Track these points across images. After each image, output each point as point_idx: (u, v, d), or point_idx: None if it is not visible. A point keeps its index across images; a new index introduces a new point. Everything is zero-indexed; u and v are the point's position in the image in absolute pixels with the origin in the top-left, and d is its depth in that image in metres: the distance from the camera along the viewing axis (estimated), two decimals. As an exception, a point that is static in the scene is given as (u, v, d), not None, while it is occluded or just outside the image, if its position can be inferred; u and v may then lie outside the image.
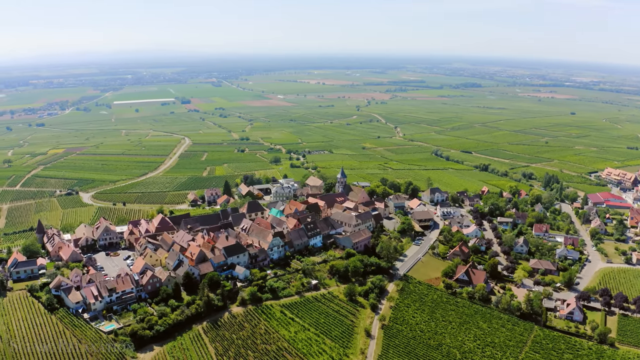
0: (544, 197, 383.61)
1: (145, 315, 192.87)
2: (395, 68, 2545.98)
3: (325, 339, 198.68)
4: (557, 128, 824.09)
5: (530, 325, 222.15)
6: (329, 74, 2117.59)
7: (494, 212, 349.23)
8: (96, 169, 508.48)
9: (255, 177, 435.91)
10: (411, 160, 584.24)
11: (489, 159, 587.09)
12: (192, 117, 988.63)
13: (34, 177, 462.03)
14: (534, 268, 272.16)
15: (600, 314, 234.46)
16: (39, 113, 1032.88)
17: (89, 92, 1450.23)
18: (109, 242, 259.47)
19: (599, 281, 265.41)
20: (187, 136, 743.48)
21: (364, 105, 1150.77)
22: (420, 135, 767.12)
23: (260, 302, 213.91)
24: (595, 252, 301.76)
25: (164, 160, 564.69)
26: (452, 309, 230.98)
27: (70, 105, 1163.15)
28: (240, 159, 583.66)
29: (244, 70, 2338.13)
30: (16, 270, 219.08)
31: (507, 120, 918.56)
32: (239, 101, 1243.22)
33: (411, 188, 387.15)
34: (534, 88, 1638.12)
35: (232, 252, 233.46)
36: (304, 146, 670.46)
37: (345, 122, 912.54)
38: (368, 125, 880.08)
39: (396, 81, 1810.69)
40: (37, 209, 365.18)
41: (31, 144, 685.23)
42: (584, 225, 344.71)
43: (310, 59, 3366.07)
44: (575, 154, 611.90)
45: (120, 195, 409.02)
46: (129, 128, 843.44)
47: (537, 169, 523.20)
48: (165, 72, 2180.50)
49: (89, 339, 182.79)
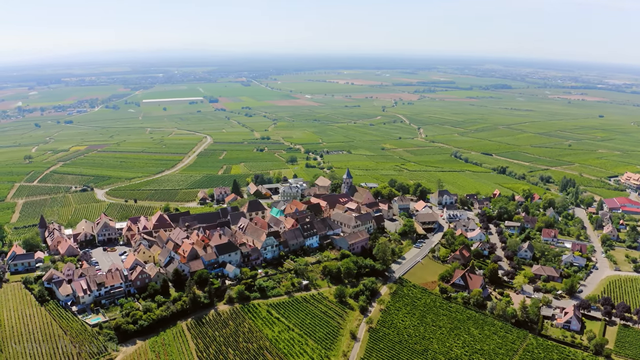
0: (557, 202, 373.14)
1: (131, 310, 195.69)
2: (426, 69, 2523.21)
3: (309, 340, 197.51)
4: (583, 131, 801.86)
5: (524, 333, 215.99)
6: (358, 74, 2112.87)
7: (502, 216, 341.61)
8: (114, 166, 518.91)
9: (266, 177, 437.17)
10: (429, 162, 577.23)
11: (508, 161, 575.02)
12: (217, 116, 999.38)
13: (53, 173, 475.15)
14: (536, 274, 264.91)
15: (600, 323, 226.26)
16: (68, 110, 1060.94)
17: (120, 90, 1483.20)
18: (108, 237, 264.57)
19: (603, 289, 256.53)
20: (210, 135, 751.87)
21: (390, 106, 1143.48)
22: (442, 137, 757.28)
23: (248, 300, 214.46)
24: (604, 259, 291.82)
25: (182, 159, 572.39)
26: (444, 313, 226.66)
27: (99, 103, 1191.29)
28: (257, 158, 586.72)
29: (274, 69, 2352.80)
30: (14, 262, 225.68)
31: (533, 122, 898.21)
32: (266, 100, 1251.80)
33: (420, 190, 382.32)
34: (565, 90, 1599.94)
35: (223, 250, 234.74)
36: (323, 146, 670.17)
37: (369, 122, 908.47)
38: (391, 125, 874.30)
39: (425, 82, 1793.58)
40: (50, 205, 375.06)
41: (56, 140, 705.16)
42: (597, 231, 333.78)
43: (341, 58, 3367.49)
44: (597, 157, 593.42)
45: (133, 192, 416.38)
46: (154, 126, 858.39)
47: (556, 172, 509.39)
48: (196, 71, 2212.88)
49: (74, 330, 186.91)
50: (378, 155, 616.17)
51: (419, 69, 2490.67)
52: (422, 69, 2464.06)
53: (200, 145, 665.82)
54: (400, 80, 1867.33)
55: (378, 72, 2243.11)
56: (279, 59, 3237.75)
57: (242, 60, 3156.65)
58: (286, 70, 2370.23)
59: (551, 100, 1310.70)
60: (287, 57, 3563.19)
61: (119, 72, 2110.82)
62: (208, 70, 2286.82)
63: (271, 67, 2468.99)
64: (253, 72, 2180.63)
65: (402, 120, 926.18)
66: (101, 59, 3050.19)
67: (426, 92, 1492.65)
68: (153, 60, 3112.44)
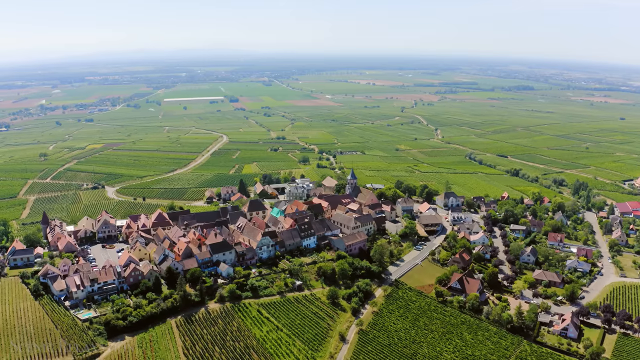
0: (567, 205, 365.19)
1: (122, 306, 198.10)
2: (449, 69, 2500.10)
3: (296, 341, 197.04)
4: (602, 133, 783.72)
5: (518, 340, 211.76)
6: (380, 75, 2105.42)
7: (508, 219, 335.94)
8: (127, 164, 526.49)
9: (274, 177, 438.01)
10: (442, 163, 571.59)
11: (523, 163, 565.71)
12: (236, 116, 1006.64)
13: (66, 170, 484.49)
14: (537, 279, 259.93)
15: (599, 331, 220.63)
16: (89, 109, 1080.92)
17: (142, 89, 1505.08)
18: (108, 234, 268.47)
19: (606, 296, 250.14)
20: (226, 134, 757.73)
21: (410, 107, 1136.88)
22: (459, 138, 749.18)
23: (239, 300, 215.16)
24: (611, 264, 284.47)
25: (196, 158, 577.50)
26: (438, 317, 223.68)
27: (121, 101, 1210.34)
28: (270, 157, 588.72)
29: (297, 69, 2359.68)
30: (13, 257, 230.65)
31: (552, 124, 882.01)
32: (286, 100, 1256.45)
33: (426, 191, 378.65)
34: (588, 92, 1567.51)
35: (218, 249, 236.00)
36: (338, 146, 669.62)
37: (387, 123, 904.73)
38: (409, 126, 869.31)
39: (448, 82, 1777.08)
40: (61, 201, 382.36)
41: (75, 138, 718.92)
42: (605, 236, 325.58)
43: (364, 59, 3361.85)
44: (614, 160, 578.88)
45: (143, 190, 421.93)
46: (173, 125, 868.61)
47: (570, 175, 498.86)
48: (219, 71, 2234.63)
49: (65, 325, 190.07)
50: (391, 156, 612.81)
51: (442, 69, 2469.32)
52: (445, 70, 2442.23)
53: (216, 144, 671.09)
54: (422, 80, 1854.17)
55: (400, 73, 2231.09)
56: (303, 59, 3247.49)
57: (265, 60, 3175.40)
58: (308, 70, 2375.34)
59: (573, 102, 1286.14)
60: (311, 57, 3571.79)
61: (143, 72, 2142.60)
62: (231, 70, 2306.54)
63: (294, 67, 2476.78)
64: (275, 72, 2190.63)
65: (419, 121, 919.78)
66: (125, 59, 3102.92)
67: (447, 92, 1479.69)
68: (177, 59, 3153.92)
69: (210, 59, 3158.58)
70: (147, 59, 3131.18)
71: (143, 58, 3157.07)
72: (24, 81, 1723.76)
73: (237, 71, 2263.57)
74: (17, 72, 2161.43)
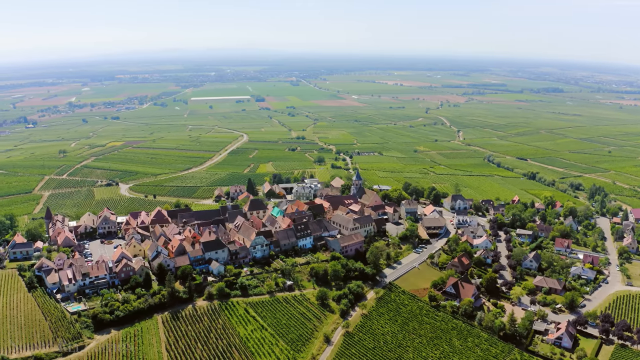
0: (580, 210, 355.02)
1: (110, 301, 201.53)
2: (479, 71, 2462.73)
3: (280, 341, 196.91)
4: (627, 137, 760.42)
5: (509, 348, 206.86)
6: (409, 75, 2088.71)
7: (514, 223, 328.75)
8: (144, 162, 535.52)
9: (284, 177, 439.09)
10: (459, 166, 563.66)
11: (542, 167, 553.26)
12: (260, 115, 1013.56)
13: (83, 167, 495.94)
14: (537, 286, 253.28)
15: (596, 342, 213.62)
16: (117, 107, 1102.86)
17: (170, 88, 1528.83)
18: (108, 230, 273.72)
19: (608, 305, 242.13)
20: (247, 133, 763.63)
21: (435, 108, 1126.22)
22: (480, 140, 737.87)
23: (228, 298, 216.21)
24: (618, 272, 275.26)
25: (213, 156, 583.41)
26: (428, 322, 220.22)
27: (149, 100, 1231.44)
28: (287, 157, 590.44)
29: (325, 70, 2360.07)
30: (13, 250, 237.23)
31: (577, 127, 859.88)
32: (312, 100, 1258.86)
33: (434, 194, 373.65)
34: (618, 95, 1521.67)
35: (210, 247, 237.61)
36: (356, 147, 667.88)
37: (409, 124, 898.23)
38: (431, 128, 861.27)
39: (476, 84, 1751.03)
40: (73, 197, 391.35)
41: (98, 136, 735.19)
42: (616, 243, 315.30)
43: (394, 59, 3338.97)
44: (635, 165, 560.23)
45: (155, 188, 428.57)
46: (197, 124, 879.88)
47: (588, 179, 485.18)
48: (248, 70, 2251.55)
49: (54, 317, 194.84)
50: (409, 158, 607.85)
51: (471, 70, 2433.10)
52: (474, 71, 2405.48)
53: (235, 143, 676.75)
54: (450, 82, 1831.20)
55: (429, 74, 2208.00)
56: (332, 59, 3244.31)
57: (294, 59, 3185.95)
58: (337, 70, 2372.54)
59: (602, 105, 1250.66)
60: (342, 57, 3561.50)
61: (172, 70, 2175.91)
62: (259, 70, 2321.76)
63: (322, 67, 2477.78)
64: (304, 72, 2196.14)
65: (443, 123, 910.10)
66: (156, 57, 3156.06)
67: (475, 94, 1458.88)
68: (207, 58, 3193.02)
69: (239, 59, 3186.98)
70: (177, 58, 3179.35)
71: (173, 57, 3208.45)
72: (54, 79, 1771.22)
73: (266, 71, 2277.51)
74: (49, 69, 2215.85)
